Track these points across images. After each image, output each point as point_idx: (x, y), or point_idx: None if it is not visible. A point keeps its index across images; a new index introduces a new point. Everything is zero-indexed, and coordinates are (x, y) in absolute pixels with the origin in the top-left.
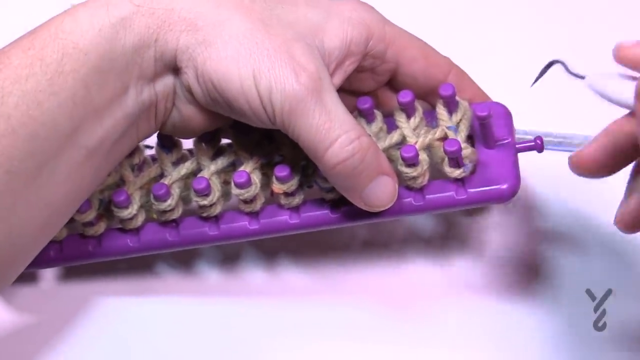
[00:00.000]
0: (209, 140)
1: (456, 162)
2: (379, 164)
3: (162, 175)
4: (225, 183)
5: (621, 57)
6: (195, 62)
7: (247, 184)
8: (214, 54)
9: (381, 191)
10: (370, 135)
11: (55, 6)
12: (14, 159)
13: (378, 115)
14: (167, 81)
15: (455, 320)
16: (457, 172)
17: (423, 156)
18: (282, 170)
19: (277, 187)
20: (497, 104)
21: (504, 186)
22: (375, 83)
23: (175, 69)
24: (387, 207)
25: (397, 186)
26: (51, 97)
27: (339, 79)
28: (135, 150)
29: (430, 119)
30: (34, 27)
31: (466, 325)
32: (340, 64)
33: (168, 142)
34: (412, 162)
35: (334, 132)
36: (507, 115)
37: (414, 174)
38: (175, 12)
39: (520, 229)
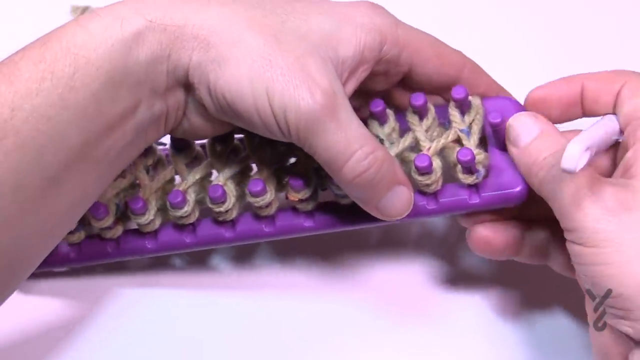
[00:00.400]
0: (222, 140)
1: (469, 169)
2: (394, 174)
3: (177, 174)
4: (241, 185)
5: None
6: (207, 79)
7: (263, 192)
8: (227, 72)
9: (397, 201)
10: (384, 146)
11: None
12: (22, 173)
13: (390, 115)
14: (179, 94)
15: (460, 317)
16: (470, 179)
17: (437, 162)
18: (296, 180)
19: (292, 195)
20: (509, 99)
21: (517, 189)
22: (387, 84)
23: (187, 84)
24: (403, 216)
25: (412, 195)
26: (62, 111)
27: (351, 86)
28: (149, 150)
29: (443, 115)
30: (44, 32)
31: (467, 321)
32: (353, 72)
33: (181, 144)
34: (426, 172)
35: (350, 148)
36: (519, 111)
37: (428, 181)
38: (187, 28)
39: None
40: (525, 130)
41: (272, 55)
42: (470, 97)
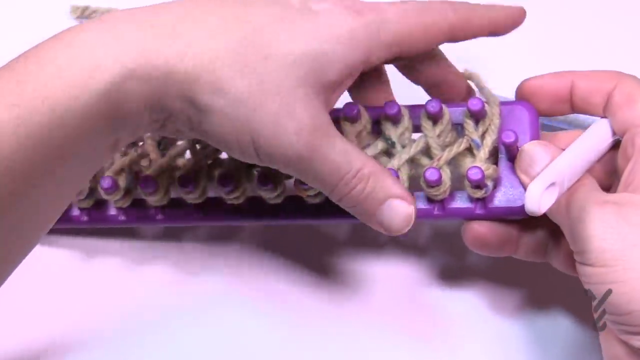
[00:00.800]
0: None
1: (478, 186)
2: (384, 188)
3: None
4: (250, 172)
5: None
6: (191, 124)
7: (272, 190)
8: (212, 120)
9: (394, 214)
10: (374, 160)
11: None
12: None
13: (405, 114)
14: (160, 126)
15: (460, 315)
16: (479, 194)
17: (446, 174)
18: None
19: (300, 192)
20: (524, 104)
21: (523, 203)
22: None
23: (168, 123)
24: (404, 231)
25: (413, 208)
26: (35, 157)
27: (338, 95)
28: None
29: (458, 117)
30: (43, 32)
31: (468, 319)
32: (340, 86)
33: None
34: (436, 184)
35: (338, 174)
36: (532, 117)
37: (437, 192)
38: (170, 77)
39: None
40: (536, 160)
41: (256, 101)
42: (486, 107)
